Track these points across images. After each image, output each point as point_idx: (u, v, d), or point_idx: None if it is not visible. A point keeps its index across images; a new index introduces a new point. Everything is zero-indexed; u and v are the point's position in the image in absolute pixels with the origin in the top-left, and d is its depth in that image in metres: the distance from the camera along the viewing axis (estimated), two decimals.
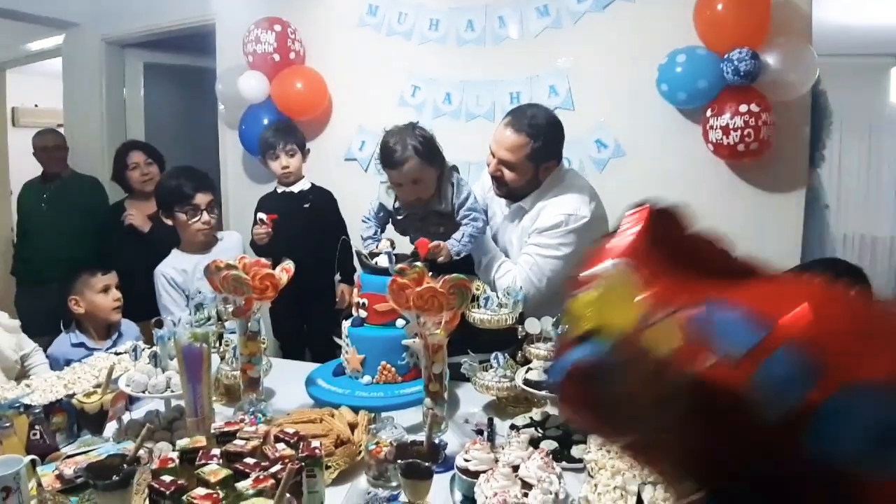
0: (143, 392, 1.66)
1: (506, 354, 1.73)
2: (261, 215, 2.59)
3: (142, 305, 2.48)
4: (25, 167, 3.89)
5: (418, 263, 1.41)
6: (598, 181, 2.68)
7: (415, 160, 1.96)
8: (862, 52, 5.72)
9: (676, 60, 2.49)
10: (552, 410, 1.62)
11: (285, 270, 1.69)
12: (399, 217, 1.99)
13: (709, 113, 2.47)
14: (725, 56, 2.37)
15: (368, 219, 2.14)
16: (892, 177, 6.38)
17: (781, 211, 2.58)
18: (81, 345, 2.30)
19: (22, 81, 5.67)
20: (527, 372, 1.61)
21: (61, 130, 4.15)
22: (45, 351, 2.30)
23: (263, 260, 1.71)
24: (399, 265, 1.42)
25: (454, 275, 1.37)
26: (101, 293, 2.32)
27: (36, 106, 6.35)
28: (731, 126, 2.38)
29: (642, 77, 2.63)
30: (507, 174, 2.04)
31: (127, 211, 3.17)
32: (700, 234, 0.69)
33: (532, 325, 1.71)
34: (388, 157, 2.00)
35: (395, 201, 2.11)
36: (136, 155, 3.26)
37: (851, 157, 6.33)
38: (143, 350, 1.84)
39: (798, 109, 2.52)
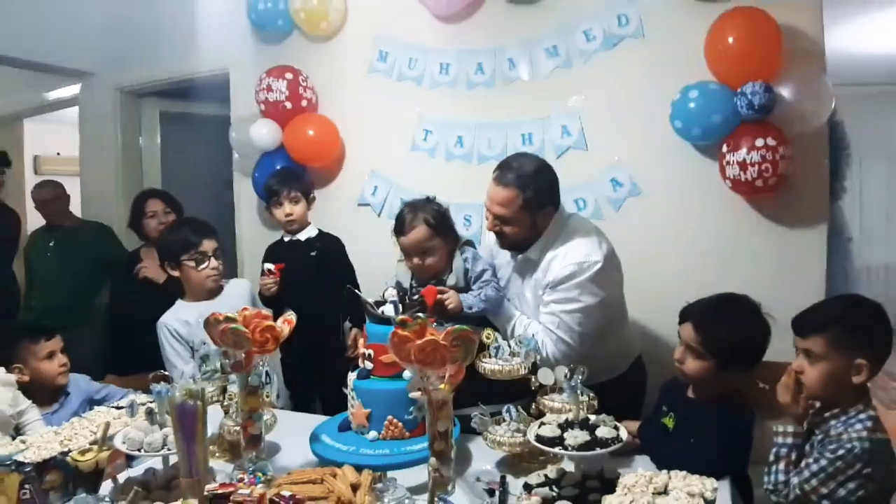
0: (139, 450, 1.60)
1: (518, 407, 1.64)
2: (268, 265, 2.57)
3: (153, 357, 2.42)
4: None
5: (421, 315, 1.34)
6: (615, 221, 2.67)
7: (423, 228, 1.99)
8: (879, 80, 5.67)
9: (689, 96, 2.44)
10: (568, 467, 1.52)
11: (287, 322, 1.63)
12: (413, 297, 1.96)
13: (725, 148, 2.41)
14: (739, 90, 2.32)
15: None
16: None
17: (803, 246, 2.48)
18: None
19: (44, 130, 5.87)
20: (539, 427, 1.51)
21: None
22: None
23: (265, 311, 1.65)
24: (401, 316, 1.36)
25: (458, 326, 1.30)
26: (45, 360, 2.20)
27: (58, 154, 6.51)
28: (748, 161, 2.31)
29: (656, 114, 2.58)
30: (505, 228, 1.99)
31: (142, 261, 3.15)
32: None
33: (545, 376, 1.63)
34: (399, 225, 2.05)
35: (411, 278, 2.09)
36: (154, 203, 3.24)
37: (872, 186, 6.28)
38: (141, 406, 1.80)
39: (816, 141, 2.45)
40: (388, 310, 1.75)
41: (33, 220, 4.59)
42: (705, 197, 2.58)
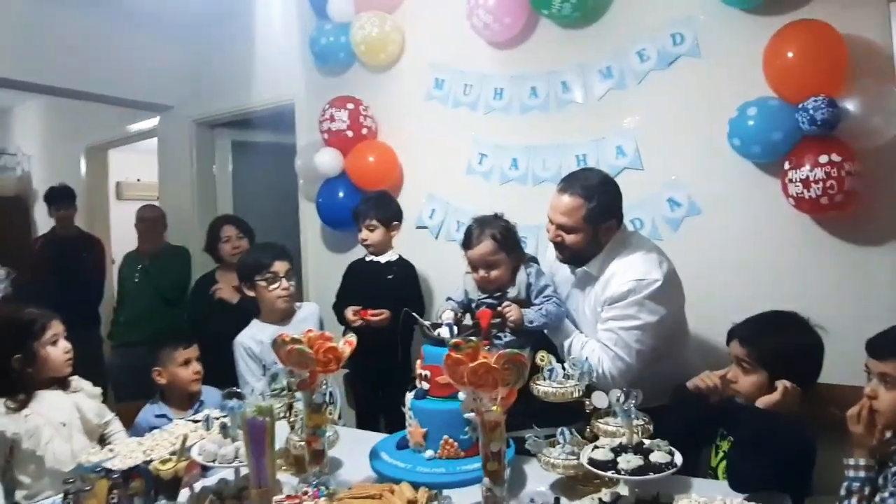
0: (213, 461, 1.70)
1: (572, 430, 1.66)
2: (354, 309, 2.75)
3: (227, 373, 2.56)
4: (128, 238, 4.24)
5: (473, 338, 1.39)
6: (673, 241, 2.64)
7: (489, 243, 2.05)
8: None
9: (747, 113, 2.40)
10: (623, 491, 1.52)
11: (348, 343, 1.71)
12: (475, 308, 2.04)
13: (787, 165, 2.35)
14: (800, 105, 2.26)
15: (451, 298, 2.18)
16: None
17: (875, 266, 2.37)
18: (164, 416, 2.37)
19: (126, 158, 6.19)
20: (593, 450, 1.52)
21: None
22: (133, 419, 2.40)
23: (328, 333, 1.74)
24: (454, 339, 1.41)
25: (509, 349, 1.34)
26: (181, 366, 2.41)
27: (138, 180, 6.84)
28: (811, 178, 2.24)
29: (713, 132, 2.55)
30: (567, 238, 2.02)
31: (217, 283, 3.33)
32: None
33: (599, 399, 1.63)
34: (466, 239, 2.11)
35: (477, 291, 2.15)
36: (228, 229, 3.43)
37: None
38: (216, 420, 1.91)
39: (886, 156, 2.33)
40: (443, 332, 1.80)
41: (118, 244, 4.93)
42: (768, 216, 2.51)
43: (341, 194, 3.36)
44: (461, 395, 1.64)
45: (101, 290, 4.51)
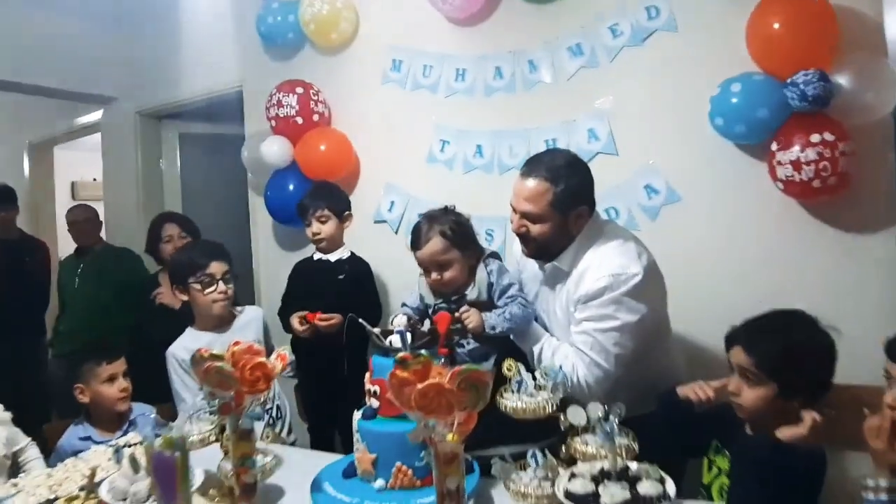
0: (123, 500, 1.47)
1: (545, 451, 1.43)
2: (301, 314, 2.49)
3: (170, 388, 2.33)
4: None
5: (423, 352, 1.15)
6: (651, 231, 2.45)
7: (438, 241, 1.82)
8: None
9: (730, 90, 2.21)
10: None
11: (280, 358, 1.47)
12: (431, 314, 1.82)
13: (774, 146, 2.16)
14: (789, 80, 2.09)
15: (406, 304, 1.98)
16: None
17: (871, 254, 2.19)
18: (88, 438, 2.14)
19: (81, 157, 6.02)
20: (570, 480, 1.29)
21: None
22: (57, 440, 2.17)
23: (256, 346, 1.48)
24: (401, 353, 1.17)
25: (466, 366, 1.11)
26: (105, 383, 2.16)
27: (94, 180, 6.60)
28: (802, 160, 2.06)
29: (693, 112, 2.35)
30: (532, 228, 1.79)
31: (160, 286, 3.07)
32: None
33: (576, 415, 1.41)
34: (414, 238, 1.89)
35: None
36: (170, 227, 3.19)
37: None
38: (128, 448, 1.66)
39: (880, 134, 2.17)
40: (395, 340, 1.56)
41: (65, 247, 4.63)
42: (754, 202, 2.32)
43: (292, 187, 3.11)
44: None
45: (46, 296, 4.21)
